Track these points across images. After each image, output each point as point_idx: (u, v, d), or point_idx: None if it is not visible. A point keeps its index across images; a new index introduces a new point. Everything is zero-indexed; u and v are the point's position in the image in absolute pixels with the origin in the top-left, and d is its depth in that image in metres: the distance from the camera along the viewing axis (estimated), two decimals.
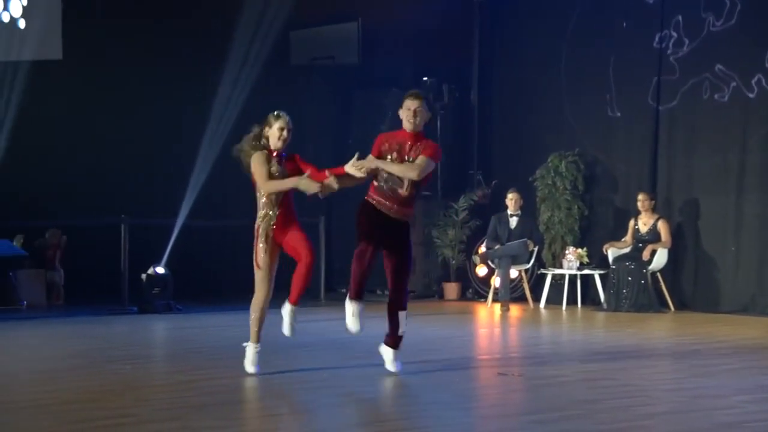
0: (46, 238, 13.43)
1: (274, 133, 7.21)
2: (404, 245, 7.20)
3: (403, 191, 7.10)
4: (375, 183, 7.17)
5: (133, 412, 5.98)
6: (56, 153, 14.09)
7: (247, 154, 7.27)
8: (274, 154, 7.22)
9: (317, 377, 7.14)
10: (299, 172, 7.18)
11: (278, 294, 7.45)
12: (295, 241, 7.26)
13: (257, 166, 7.17)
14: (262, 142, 7.26)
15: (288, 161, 7.25)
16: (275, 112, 7.30)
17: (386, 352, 7.28)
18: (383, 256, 7.18)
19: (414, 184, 7.09)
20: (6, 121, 13.35)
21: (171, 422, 5.71)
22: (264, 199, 7.26)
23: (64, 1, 13.89)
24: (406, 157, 7.08)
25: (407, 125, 7.17)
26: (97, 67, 14.26)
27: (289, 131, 7.21)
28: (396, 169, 7.06)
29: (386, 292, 7.71)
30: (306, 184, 7.04)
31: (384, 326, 7.34)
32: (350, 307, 7.10)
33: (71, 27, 13.84)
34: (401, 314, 7.21)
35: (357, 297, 7.08)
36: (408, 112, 7.15)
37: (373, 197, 7.15)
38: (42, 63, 13.69)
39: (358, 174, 7.03)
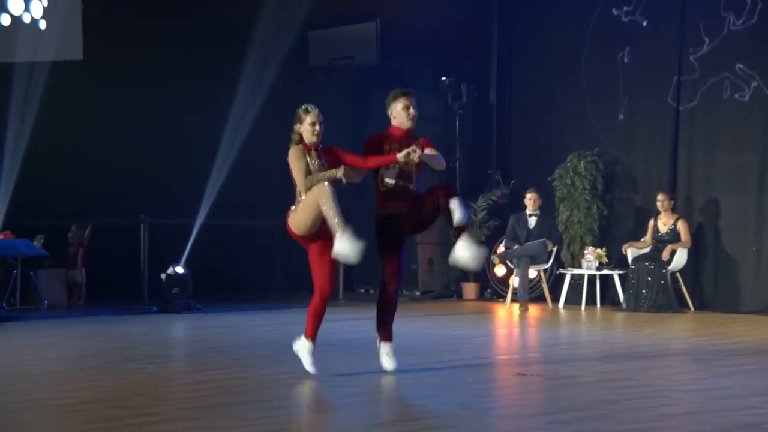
0: (69, 237, 13.51)
1: (307, 128, 7.09)
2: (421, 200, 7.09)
3: (413, 186, 7.13)
4: (381, 189, 7.11)
5: (154, 411, 6.01)
6: (76, 153, 14.18)
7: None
8: (311, 148, 7.12)
9: (335, 377, 7.15)
10: (339, 164, 7.08)
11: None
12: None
13: (294, 161, 7.03)
14: (295, 138, 7.15)
15: (326, 153, 7.14)
16: (304, 107, 7.17)
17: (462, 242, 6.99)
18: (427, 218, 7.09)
19: (418, 178, 7.14)
20: (27, 122, 13.43)
21: (191, 421, 5.73)
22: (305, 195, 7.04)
23: (84, 1, 13.97)
24: None
25: (406, 123, 7.18)
26: (117, 67, 14.34)
27: (321, 124, 7.09)
28: (434, 161, 7.08)
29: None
30: (342, 172, 6.97)
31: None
32: (384, 349, 7.17)
33: (91, 27, 13.93)
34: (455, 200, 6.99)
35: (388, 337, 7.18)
36: (406, 111, 7.19)
37: (384, 207, 7.10)
38: (62, 63, 13.78)
39: (413, 160, 6.94)
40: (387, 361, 7.15)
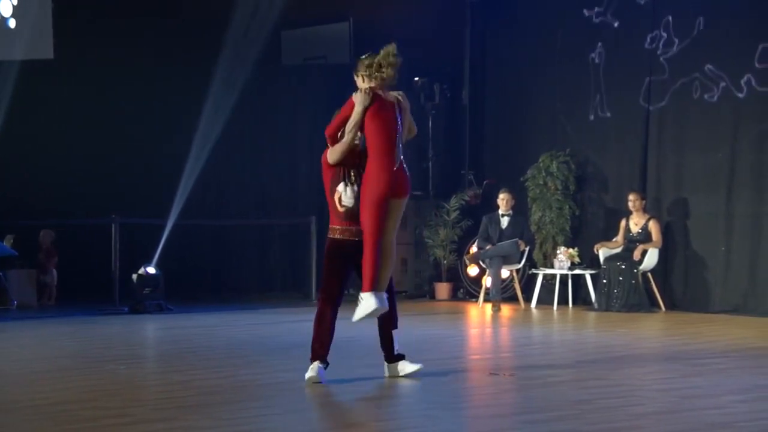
0: (39, 239, 13.41)
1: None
2: None
3: None
4: (340, 209, 6.91)
5: (130, 412, 6.00)
6: (47, 152, 14.09)
7: None
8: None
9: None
10: None
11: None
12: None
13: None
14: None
15: None
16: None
17: (400, 365, 7.19)
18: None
19: None
20: None
21: (167, 422, 5.73)
22: None
23: (54, 0, 13.89)
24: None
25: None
26: (88, 67, 14.26)
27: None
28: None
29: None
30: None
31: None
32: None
33: (62, 26, 13.84)
34: (393, 333, 7.17)
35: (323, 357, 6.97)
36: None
37: (341, 230, 6.95)
38: (33, 62, 13.69)
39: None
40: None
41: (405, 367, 7.15)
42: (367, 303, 6.74)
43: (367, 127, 6.82)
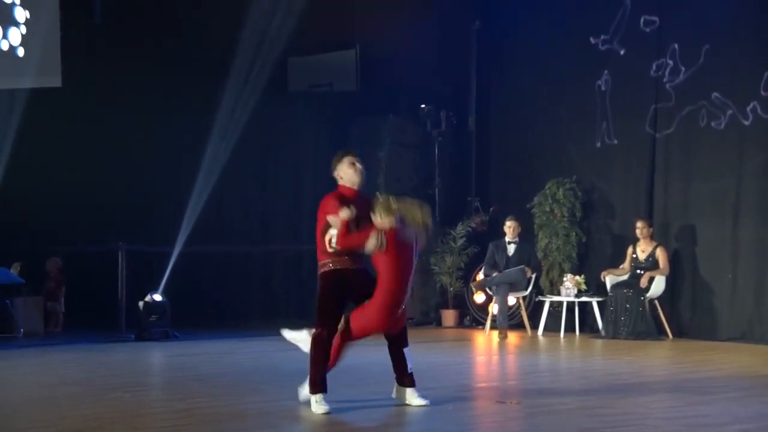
0: (46, 270, 13.41)
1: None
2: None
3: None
4: (330, 250, 7.06)
5: None
6: (54, 180, 14.10)
7: None
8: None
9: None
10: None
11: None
12: None
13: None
14: None
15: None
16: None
17: (408, 392, 7.18)
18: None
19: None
20: (5, 149, 13.37)
21: None
22: None
23: (63, 29, 13.94)
24: None
25: (356, 179, 7.40)
26: (96, 95, 14.29)
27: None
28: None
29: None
30: None
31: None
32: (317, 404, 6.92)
33: (70, 55, 13.88)
34: (405, 351, 7.17)
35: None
36: (353, 167, 7.40)
37: (335, 261, 7.10)
38: (41, 91, 13.73)
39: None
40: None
41: (412, 398, 7.12)
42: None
43: (381, 262, 6.91)
